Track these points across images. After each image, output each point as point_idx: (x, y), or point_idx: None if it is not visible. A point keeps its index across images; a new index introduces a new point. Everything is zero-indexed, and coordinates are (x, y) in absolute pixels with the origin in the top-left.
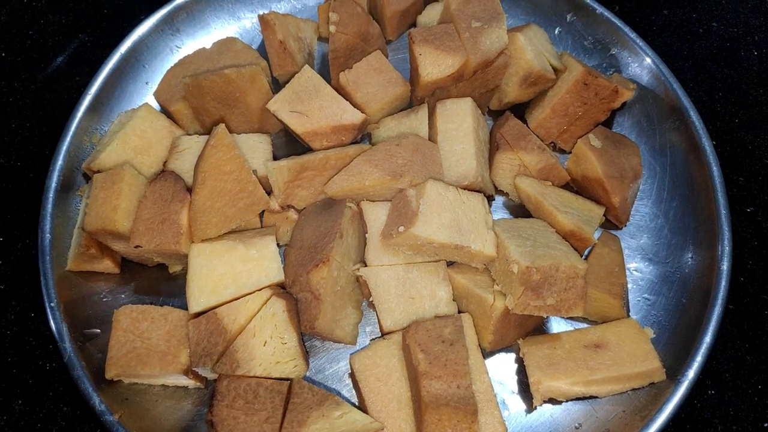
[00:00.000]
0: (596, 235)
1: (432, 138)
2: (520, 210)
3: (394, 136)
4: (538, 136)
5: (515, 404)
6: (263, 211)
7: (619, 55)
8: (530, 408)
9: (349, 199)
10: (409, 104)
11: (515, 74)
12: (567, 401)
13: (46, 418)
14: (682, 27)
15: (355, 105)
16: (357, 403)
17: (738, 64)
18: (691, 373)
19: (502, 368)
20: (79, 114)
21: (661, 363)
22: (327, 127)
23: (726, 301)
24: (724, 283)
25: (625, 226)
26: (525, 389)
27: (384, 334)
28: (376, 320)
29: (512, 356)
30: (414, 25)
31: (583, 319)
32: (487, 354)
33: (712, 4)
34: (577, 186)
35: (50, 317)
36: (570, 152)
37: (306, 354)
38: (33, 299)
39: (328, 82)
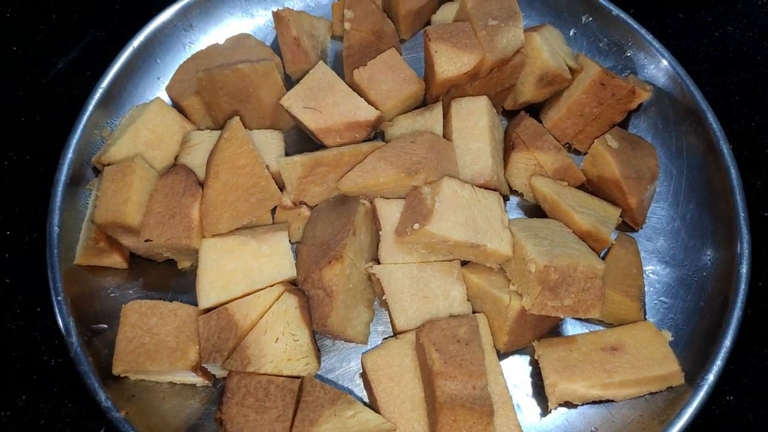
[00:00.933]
0: (612, 236)
1: (446, 137)
2: (534, 210)
3: (409, 134)
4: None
5: (530, 407)
6: (275, 207)
7: (635, 57)
8: (545, 411)
9: (363, 196)
10: (423, 103)
11: (531, 74)
12: (583, 405)
13: (51, 414)
14: (698, 30)
15: (369, 102)
16: (368, 403)
17: (754, 67)
18: (711, 378)
19: (516, 370)
20: (90, 108)
21: (680, 366)
22: (340, 124)
23: (745, 305)
24: (743, 286)
25: (642, 228)
26: (540, 392)
27: (396, 334)
28: (388, 320)
29: (527, 358)
30: (428, 24)
31: (599, 322)
32: (501, 355)
33: (727, 8)
34: (592, 187)
35: (57, 311)
36: (585, 153)
37: (318, 352)
38: (40, 293)
39: (342, 80)
